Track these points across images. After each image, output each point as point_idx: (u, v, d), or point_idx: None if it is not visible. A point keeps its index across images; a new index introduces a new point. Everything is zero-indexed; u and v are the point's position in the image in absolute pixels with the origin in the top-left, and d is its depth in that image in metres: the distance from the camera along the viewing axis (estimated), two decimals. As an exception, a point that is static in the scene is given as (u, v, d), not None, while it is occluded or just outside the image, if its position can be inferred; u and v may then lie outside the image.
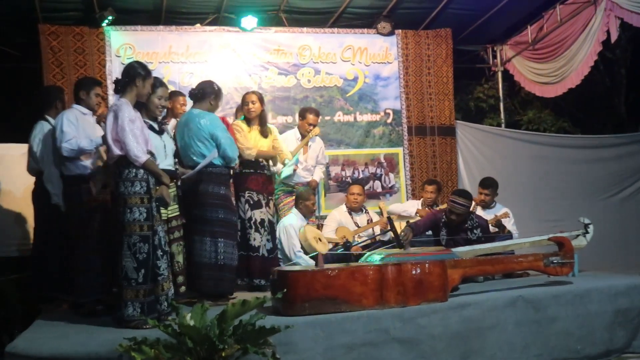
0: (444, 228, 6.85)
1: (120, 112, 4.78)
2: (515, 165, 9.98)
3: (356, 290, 4.77)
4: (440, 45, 9.78)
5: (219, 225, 5.57)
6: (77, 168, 5.43)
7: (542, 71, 9.82)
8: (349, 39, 9.41)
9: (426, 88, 9.72)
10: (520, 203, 9.02)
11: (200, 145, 5.65)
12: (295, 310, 4.66)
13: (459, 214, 6.72)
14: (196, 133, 5.66)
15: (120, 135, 4.73)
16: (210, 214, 5.57)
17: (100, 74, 8.37)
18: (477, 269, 5.56)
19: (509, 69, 10.62)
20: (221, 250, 5.54)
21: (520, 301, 5.18)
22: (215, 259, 5.52)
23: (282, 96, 9.14)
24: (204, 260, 5.52)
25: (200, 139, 5.64)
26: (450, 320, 4.91)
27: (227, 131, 5.81)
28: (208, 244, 5.53)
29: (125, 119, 4.75)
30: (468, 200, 6.81)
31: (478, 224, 6.82)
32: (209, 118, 5.71)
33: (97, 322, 4.94)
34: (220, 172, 5.71)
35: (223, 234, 5.57)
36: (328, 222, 7.96)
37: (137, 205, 4.74)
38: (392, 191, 9.46)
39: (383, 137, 9.50)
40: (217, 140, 5.64)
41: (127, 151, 4.73)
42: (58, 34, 8.34)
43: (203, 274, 5.52)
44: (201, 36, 8.89)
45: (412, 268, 4.95)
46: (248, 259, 6.41)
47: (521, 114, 11.92)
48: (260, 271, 6.42)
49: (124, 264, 4.67)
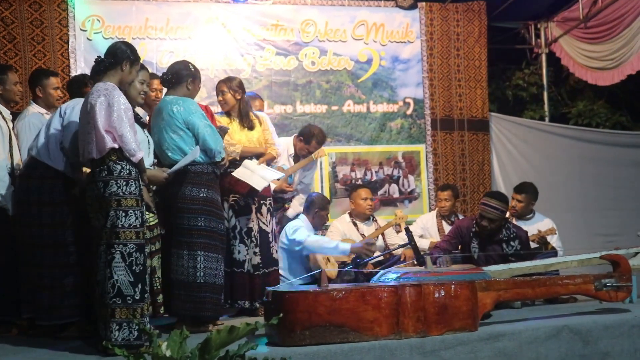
0: (475, 239, 6.87)
1: (114, 98, 4.82)
2: (561, 167, 9.97)
3: (367, 316, 4.76)
4: (472, 22, 9.80)
5: (197, 235, 5.56)
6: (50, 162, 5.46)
7: (596, 54, 9.81)
8: (362, 13, 9.44)
9: (454, 73, 9.74)
10: (567, 213, 9.03)
11: (174, 137, 5.65)
12: (293, 340, 4.65)
13: (492, 220, 6.76)
14: (169, 123, 5.66)
15: (116, 124, 4.76)
16: (188, 222, 5.56)
17: (61, 52, 8.40)
18: (514, 292, 5.53)
19: (555, 50, 10.62)
20: (200, 266, 5.53)
21: (565, 332, 5.15)
22: (194, 276, 5.51)
23: (281, 81, 9.17)
24: (181, 278, 5.52)
25: (174, 130, 5.63)
26: (481, 354, 4.89)
27: (206, 118, 5.79)
28: (185, 258, 5.53)
29: (122, 107, 4.81)
30: (504, 204, 6.84)
31: (516, 235, 6.83)
32: (182, 104, 5.70)
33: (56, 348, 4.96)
34: (201, 171, 5.68)
35: (203, 245, 5.56)
36: (329, 235, 7.94)
37: (133, 208, 4.79)
38: (411, 197, 9.47)
39: (402, 132, 9.51)
40: (195, 129, 5.62)
41: (125, 144, 4.77)
42: (11, 2, 8.37)
43: (180, 294, 5.52)
44: (184, 7, 8.92)
45: (435, 290, 4.94)
46: (232, 276, 6.40)
47: (569, 105, 11.89)
48: (243, 291, 6.42)
49: (115, 278, 4.69)
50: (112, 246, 4.73)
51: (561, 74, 11.40)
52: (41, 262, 5.31)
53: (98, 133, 4.79)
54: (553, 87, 11.49)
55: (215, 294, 5.65)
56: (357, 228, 7.97)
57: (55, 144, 5.41)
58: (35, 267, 5.34)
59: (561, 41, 10.45)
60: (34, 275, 5.36)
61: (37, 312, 5.38)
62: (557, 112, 11.62)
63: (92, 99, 4.86)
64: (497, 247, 6.81)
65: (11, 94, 6.04)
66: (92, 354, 4.76)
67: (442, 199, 8.31)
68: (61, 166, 5.39)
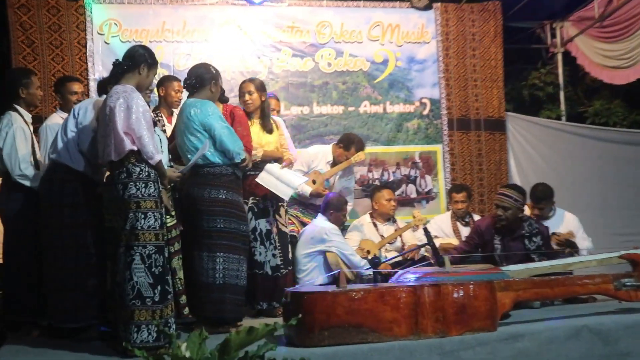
0: (497, 236, 6.93)
1: (133, 100, 4.85)
2: (578, 166, 9.93)
3: (386, 316, 4.75)
4: (488, 22, 9.76)
5: (217, 236, 5.57)
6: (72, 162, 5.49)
7: (611, 53, 9.76)
8: (378, 14, 9.42)
9: (470, 73, 9.70)
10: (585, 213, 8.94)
11: (193, 139, 5.66)
12: (312, 340, 4.65)
13: (505, 208, 6.83)
14: (187, 126, 5.68)
15: (135, 127, 4.79)
16: (208, 223, 5.58)
17: (79, 55, 8.42)
18: (533, 291, 5.50)
19: (571, 50, 10.56)
20: (220, 267, 5.55)
21: (585, 332, 5.12)
22: (213, 278, 5.53)
23: (297, 82, 9.15)
24: (201, 279, 5.55)
25: (191, 132, 5.64)
26: (500, 355, 4.87)
27: (223, 120, 5.79)
28: (205, 260, 5.55)
29: (140, 109, 4.83)
30: (518, 194, 6.90)
31: (538, 230, 6.82)
32: (200, 106, 5.70)
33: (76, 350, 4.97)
34: (220, 172, 5.69)
35: (223, 247, 5.57)
36: (349, 235, 7.94)
37: (152, 210, 4.82)
38: (429, 197, 9.44)
39: (418, 132, 9.48)
40: (211, 131, 5.63)
41: (143, 146, 4.80)
42: (29, 7, 8.38)
43: (201, 295, 5.55)
44: (200, 10, 8.92)
45: (454, 290, 4.92)
46: (253, 277, 6.42)
47: (586, 104, 11.82)
48: (264, 292, 6.44)
49: (135, 280, 4.70)
50: (132, 248, 4.74)
51: (577, 73, 11.33)
52: (63, 264, 5.34)
53: (117, 135, 4.80)
54: (569, 87, 11.42)
55: (236, 294, 5.65)
56: (377, 229, 7.97)
57: (74, 145, 5.44)
58: (58, 269, 5.37)
59: (577, 40, 10.39)
60: (55, 278, 5.38)
61: (58, 314, 5.40)
62: (574, 111, 11.55)
63: (111, 101, 4.87)
64: (519, 243, 6.82)
65: (33, 98, 6.10)
66: (111, 356, 4.77)
67: (458, 201, 8.28)
68: (82, 167, 5.42)
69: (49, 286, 5.44)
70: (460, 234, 8.21)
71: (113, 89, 4.98)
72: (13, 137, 5.78)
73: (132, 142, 4.81)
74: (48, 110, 8.04)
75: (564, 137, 10.14)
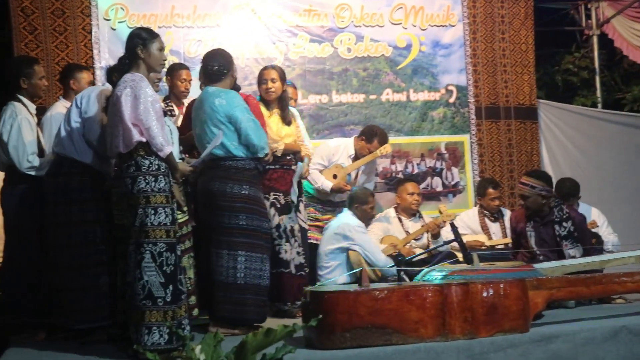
0: (529, 223, 7.01)
1: (141, 89, 4.87)
2: (615, 156, 9.90)
3: (411, 316, 4.76)
4: (518, 3, 9.73)
5: (239, 234, 5.57)
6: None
7: (651, 35, 9.72)
8: (400, -4, 9.41)
9: (500, 58, 9.67)
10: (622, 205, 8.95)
11: (215, 131, 5.65)
12: (333, 342, 4.66)
13: (525, 197, 6.93)
14: (210, 116, 5.67)
15: (143, 117, 4.81)
16: (229, 220, 5.58)
17: (84, 42, 8.44)
18: (567, 290, 5.50)
19: (608, 32, 10.53)
20: (241, 267, 5.55)
21: (623, 333, 5.11)
22: (234, 277, 5.53)
23: (315, 69, 9.15)
24: (220, 279, 5.54)
25: (215, 124, 5.64)
26: (533, 357, 4.87)
27: (249, 112, 5.80)
28: (225, 259, 5.55)
29: (149, 99, 4.85)
30: (538, 181, 6.93)
31: (568, 215, 6.86)
32: (225, 96, 5.72)
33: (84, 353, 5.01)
34: (243, 167, 5.70)
35: (245, 245, 5.58)
36: (372, 230, 7.94)
37: (163, 205, 4.84)
38: (455, 190, 9.43)
39: (444, 122, 9.47)
40: (237, 124, 5.63)
41: (152, 138, 4.82)
42: (31, -9, 8.44)
43: (219, 295, 5.55)
44: (212, -7, 8.94)
45: (483, 289, 4.92)
46: (279, 277, 6.44)
47: (623, 90, 11.79)
48: (290, 292, 6.47)
49: (146, 279, 4.73)
50: (142, 245, 4.77)
51: (614, 56, 11.31)
52: (71, 263, 5.38)
53: (124, 126, 4.82)
54: (605, 71, 11.39)
55: (259, 295, 5.66)
56: (402, 224, 7.97)
57: (79, 136, 5.47)
58: (65, 268, 5.41)
59: (614, 22, 10.35)
60: (63, 277, 5.43)
61: (66, 315, 5.44)
62: (611, 97, 11.52)
63: (119, 90, 4.90)
64: (550, 229, 6.87)
65: (36, 89, 6.12)
66: (121, 359, 4.81)
67: (495, 197, 8.26)
68: (89, 159, 5.45)
69: (56, 286, 5.49)
70: (489, 230, 8.22)
71: (122, 78, 5.00)
72: (18, 129, 5.82)
73: (141, 133, 4.83)
74: (53, 101, 8.07)
75: (601, 125, 10.12)
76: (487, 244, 8.00)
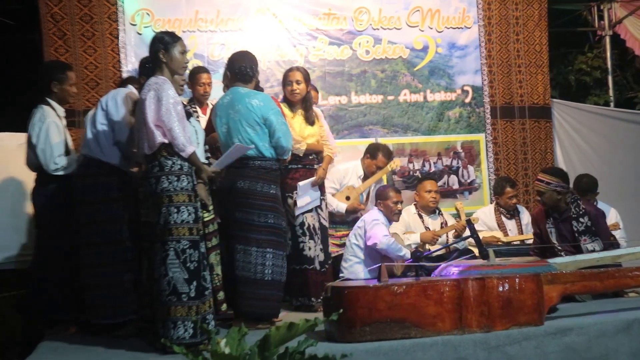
0: (548, 220, 7.08)
1: (163, 92, 4.91)
2: (628, 154, 9.86)
3: (429, 311, 4.78)
4: (532, 5, 9.69)
5: (267, 232, 5.62)
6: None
7: (662, 35, 9.67)
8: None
9: (514, 59, 9.64)
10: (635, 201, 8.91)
11: (249, 131, 5.70)
12: (353, 336, 4.69)
13: (541, 193, 7.01)
14: (246, 116, 5.70)
15: (165, 119, 4.86)
16: (259, 218, 5.62)
17: (112, 47, 8.48)
18: (581, 284, 5.49)
19: (620, 32, 10.48)
20: (269, 264, 5.59)
21: (636, 326, 5.11)
22: (262, 274, 5.57)
23: (335, 71, 9.16)
24: (247, 275, 5.57)
25: (250, 124, 5.67)
26: (548, 349, 4.88)
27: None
28: (254, 255, 5.58)
29: (170, 101, 4.89)
30: (554, 177, 6.98)
31: (585, 211, 6.88)
32: (261, 99, 5.77)
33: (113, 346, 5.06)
34: (271, 167, 5.75)
35: (272, 243, 5.62)
36: (395, 226, 7.95)
37: (185, 203, 4.89)
38: (471, 188, 9.42)
39: (460, 121, 9.45)
40: (271, 126, 5.68)
41: (174, 139, 4.87)
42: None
43: (246, 291, 5.57)
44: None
45: (499, 284, 4.93)
46: (304, 274, 6.47)
47: (635, 89, 11.72)
48: (315, 288, 6.49)
49: (170, 276, 4.78)
50: (166, 243, 4.81)
51: (626, 56, 11.24)
52: (99, 260, 5.43)
53: (148, 128, 4.87)
54: (618, 71, 11.33)
55: (280, 291, 5.74)
56: (423, 220, 7.99)
57: (106, 138, 5.51)
58: (94, 265, 5.46)
59: (626, 22, 10.30)
60: (92, 274, 5.47)
61: (95, 310, 5.49)
62: (623, 97, 11.46)
63: (143, 93, 4.96)
64: (569, 225, 6.92)
65: (66, 94, 6.16)
66: (149, 352, 4.85)
67: (513, 196, 8.28)
68: (116, 160, 5.50)
69: (86, 282, 5.54)
70: (505, 227, 8.22)
71: (147, 81, 5.04)
72: (46, 132, 5.86)
73: (163, 135, 4.88)
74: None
75: (613, 124, 10.07)
76: (503, 240, 8.00)
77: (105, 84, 8.35)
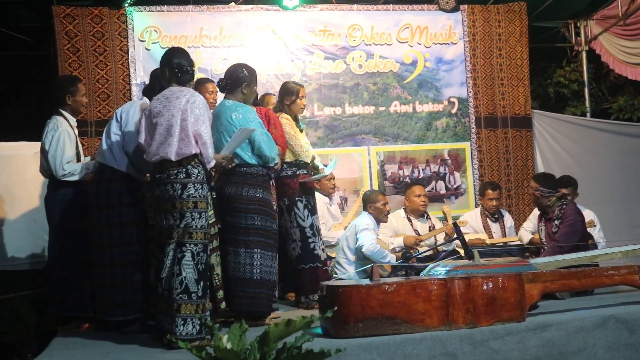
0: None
1: (202, 107, 4.94)
2: (603, 161, 9.84)
3: (418, 308, 4.76)
4: (514, 22, 9.70)
5: (254, 234, 5.58)
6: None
7: (635, 50, 9.65)
8: (407, 17, 9.40)
9: (497, 72, 9.64)
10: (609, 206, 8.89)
11: None
12: (347, 331, 4.66)
13: (535, 198, 7.17)
14: (226, 128, 5.67)
15: (201, 131, 4.87)
16: (246, 221, 5.59)
17: (122, 62, 8.50)
18: (560, 283, 5.47)
19: (595, 48, 10.46)
20: (257, 263, 5.56)
21: (611, 322, 5.08)
22: (251, 273, 5.54)
23: (330, 84, 9.17)
24: (237, 275, 5.55)
25: (230, 135, 5.64)
26: (529, 344, 4.85)
27: (262, 125, 5.81)
28: (242, 256, 5.55)
29: (207, 115, 4.94)
30: (540, 184, 7.06)
31: (562, 214, 6.93)
32: (241, 111, 5.71)
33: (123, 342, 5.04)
34: (256, 173, 5.71)
35: (260, 244, 5.59)
36: (383, 230, 7.95)
37: (205, 210, 4.92)
38: (457, 193, 9.41)
39: (447, 130, 9.45)
40: (251, 137, 5.63)
41: (206, 150, 4.90)
42: (74, 16, 8.47)
43: (237, 290, 5.55)
44: (236, 16, 8.97)
45: (483, 282, 4.91)
46: (315, 272, 6.48)
47: (610, 100, 11.70)
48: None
49: (184, 275, 4.76)
50: (184, 245, 4.79)
51: (601, 70, 11.23)
52: (112, 261, 5.41)
53: (185, 137, 4.84)
54: (594, 84, 11.32)
55: (269, 290, 5.69)
56: (412, 224, 8.00)
57: (119, 148, 5.49)
58: (106, 266, 5.44)
59: (601, 38, 10.29)
60: (104, 274, 5.45)
61: (107, 308, 5.47)
62: (598, 107, 11.45)
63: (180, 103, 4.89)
64: (550, 225, 7.03)
65: (78, 105, 6.16)
66: (156, 347, 4.82)
67: (493, 198, 8.29)
68: (125, 168, 5.48)
69: (98, 282, 5.52)
70: (490, 229, 8.21)
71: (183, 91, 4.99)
72: (58, 140, 5.84)
73: (197, 145, 4.87)
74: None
75: (589, 133, 10.06)
76: (487, 242, 7.99)
77: (115, 97, 8.38)
